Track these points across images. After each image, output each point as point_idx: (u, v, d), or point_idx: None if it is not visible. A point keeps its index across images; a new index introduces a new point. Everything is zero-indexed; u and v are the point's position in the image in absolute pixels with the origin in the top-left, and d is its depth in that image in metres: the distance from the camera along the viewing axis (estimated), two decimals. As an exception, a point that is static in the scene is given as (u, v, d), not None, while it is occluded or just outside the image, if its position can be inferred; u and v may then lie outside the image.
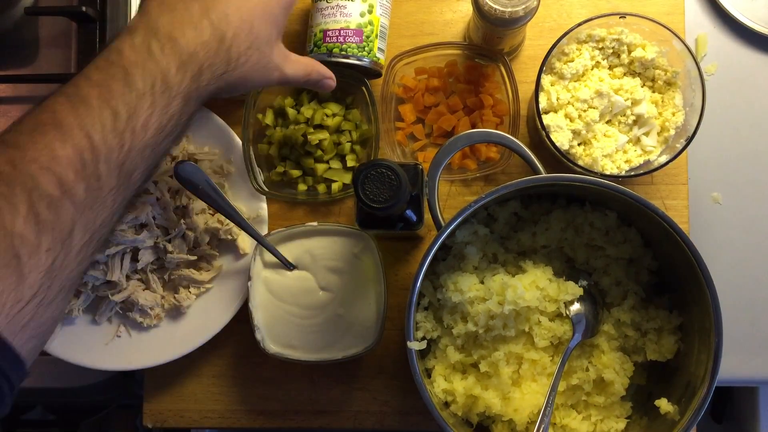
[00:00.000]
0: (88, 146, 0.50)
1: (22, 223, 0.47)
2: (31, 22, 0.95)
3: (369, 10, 0.78)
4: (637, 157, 0.78)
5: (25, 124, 0.51)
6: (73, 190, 0.49)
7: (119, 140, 0.51)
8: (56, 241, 0.48)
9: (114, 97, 0.52)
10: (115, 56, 0.54)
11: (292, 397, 0.86)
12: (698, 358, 0.69)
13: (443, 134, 0.84)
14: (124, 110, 0.52)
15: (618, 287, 0.77)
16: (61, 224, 0.49)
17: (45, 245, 0.48)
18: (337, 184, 0.84)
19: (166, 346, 0.82)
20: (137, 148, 0.53)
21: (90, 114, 0.51)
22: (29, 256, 0.47)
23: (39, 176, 0.48)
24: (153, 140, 0.54)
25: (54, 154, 0.49)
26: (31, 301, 0.47)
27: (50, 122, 0.50)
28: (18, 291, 0.46)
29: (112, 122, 0.51)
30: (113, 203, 0.52)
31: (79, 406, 1.23)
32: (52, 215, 0.48)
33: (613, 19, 0.76)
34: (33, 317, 0.48)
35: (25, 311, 0.47)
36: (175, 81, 0.55)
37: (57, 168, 0.49)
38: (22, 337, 0.47)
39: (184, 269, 0.82)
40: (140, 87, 0.53)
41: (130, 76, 0.53)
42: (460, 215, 0.68)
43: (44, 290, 0.48)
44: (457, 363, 0.75)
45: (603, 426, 0.74)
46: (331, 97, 0.84)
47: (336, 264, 0.80)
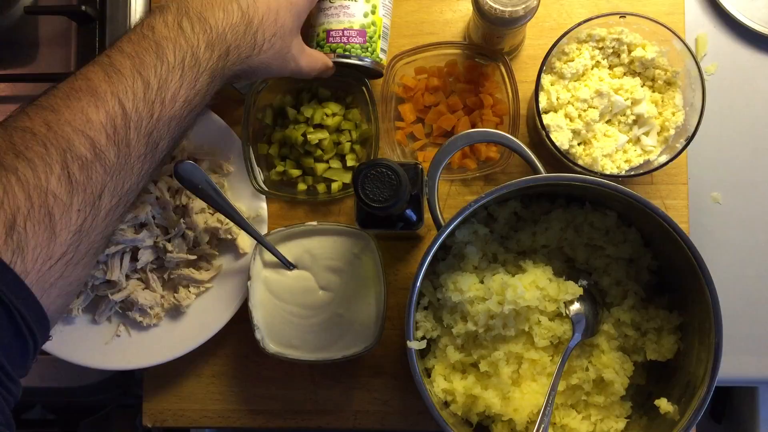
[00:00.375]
0: (121, 113, 0.52)
1: (56, 183, 0.48)
2: (31, 21, 0.95)
3: (372, 11, 0.78)
4: (637, 156, 0.78)
5: (60, 89, 0.53)
6: (104, 153, 0.51)
7: (149, 109, 0.54)
8: (87, 202, 0.50)
9: (146, 68, 0.54)
10: (148, 31, 0.56)
11: (292, 397, 0.85)
12: (698, 358, 0.69)
13: (443, 134, 0.84)
14: (155, 81, 0.54)
15: (618, 287, 0.77)
16: (92, 186, 0.50)
17: (76, 205, 0.49)
18: (337, 183, 0.84)
19: (165, 345, 0.82)
20: (165, 118, 0.55)
21: (123, 83, 0.53)
22: (61, 215, 0.48)
23: (73, 138, 0.50)
24: (180, 112, 0.56)
25: (88, 118, 0.51)
26: (60, 260, 0.49)
27: (85, 89, 0.52)
28: (49, 248, 0.48)
29: (144, 92, 0.53)
30: (140, 170, 0.55)
31: (79, 406, 1.23)
32: (84, 177, 0.50)
33: (613, 19, 0.76)
34: (61, 276, 0.49)
35: (54, 269, 0.48)
36: (204, 57, 0.57)
37: (90, 131, 0.51)
38: (50, 295, 0.49)
39: (183, 269, 0.82)
40: (171, 60, 0.55)
41: (161, 49, 0.55)
42: (460, 215, 0.68)
43: (73, 250, 0.50)
44: (456, 363, 0.75)
45: (603, 426, 0.74)
46: (331, 97, 0.84)
47: (336, 264, 0.79)
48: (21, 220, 0.46)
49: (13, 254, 0.46)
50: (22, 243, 0.46)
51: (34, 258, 0.47)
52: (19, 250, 0.46)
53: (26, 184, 0.47)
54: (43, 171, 0.48)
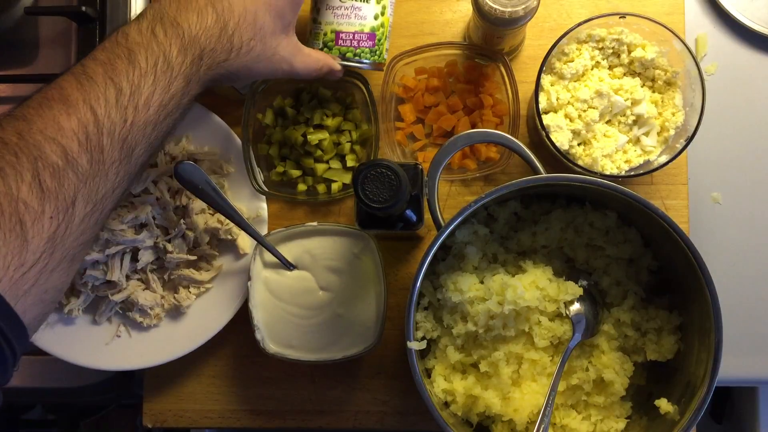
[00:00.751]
0: (93, 120, 0.52)
1: (27, 190, 0.49)
2: (31, 22, 0.95)
3: (382, 12, 0.77)
4: (637, 157, 0.78)
5: (34, 99, 0.53)
6: (76, 160, 0.51)
7: (122, 115, 0.54)
8: (59, 209, 0.50)
9: (118, 74, 0.54)
10: (122, 38, 0.57)
11: (292, 397, 0.86)
12: (698, 358, 0.69)
13: (443, 134, 0.84)
14: (127, 87, 0.54)
15: (618, 287, 0.77)
16: (65, 193, 0.51)
17: (48, 212, 0.49)
18: (337, 184, 0.84)
19: (165, 346, 0.82)
20: (139, 124, 0.55)
21: (94, 90, 0.53)
22: (33, 222, 0.48)
23: (44, 146, 0.50)
24: (155, 117, 0.56)
25: (59, 126, 0.51)
26: (33, 267, 0.49)
27: (57, 97, 0.53)
28: (21, 255, 0.48)
29: (116, 98, 0.54)
30: (115, 176, 0.55)
31: (79, 406, 1.23)
32: (55, 184, 0.50)
33: (613, 19, 0.76)
34: (35, 283, 0.49)
35: (28, 276, 0.48)
36: (177, 62, 0.57)
37: (62, 139, 0.51)
38: (25, 302, 0.49)
39: (183, 269, 0.82)
40: (143, 66, 0.55)
41: (134, 54, 0.55)
42: (460, 215, 0.68)
43: (47, 257, 0.50)
44: (457, 363, 0.75)
45: (603, 426, 0.74)
46: (331, 97, 0.84)
47: (336, 264, 0.79)
48: None
49: None
50: None
51: (5, 265, 0.47)
52: None
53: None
54: (14, 179, 0.48)
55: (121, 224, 0.78)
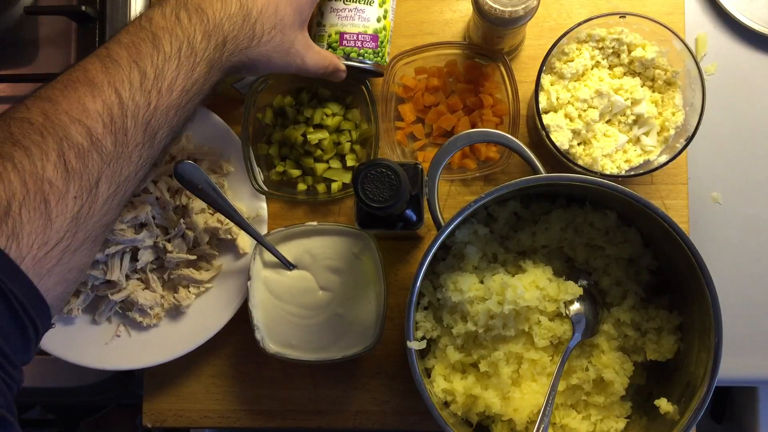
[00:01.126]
0: (117, 102, 0.53)
1: (52, 170, 0.49)
2: (31, 21, 0.95)
3: (384, 15, 0.78)
4: (637, 157, 0.78)
5: (59, 81, 0.54)
6: (101, 141, 0.52)
7: (146, 99, 0.54)
8: (83, 189, 0.51)
9: (142, 58, 0.55)
10: (146, 23, 0.57)
11: (292, 397, 0.86)
12: (698, 358, 0.69)
13: (443, 134, 0.84)
14: (151, 71, 0.55)
15: (618, 287, 0.77)
16: (89, 173, 0.51)
17: (73, 192, 0.50)
18: (337, 183, 0.84)
19: (165, 345, 0.82)
20: (162, 107, 0.56)
21: (119, 73, 0.54)
22: (57, 202, 0.49)
23: (70, 127, 0.51)
24: (177, 101, 0.57)
25: (85, 107, 0.52)
26: (57, 246, 0.49)
27: (82, 79, 0.53)
28: (45, 234, 0.48)
29: (140, 81, 0.54)
30: (138, 159, 0.55)
31: (79, 406, 1.23)
32: (80, 164, 0.50)
33: (613, 19, 0.76)
34: (59, 263, 0.50)
35: (51, 255, 0.49)
36: (201, 47, 0.58)
37: (87, 120, 0.51)
38: (48, 281, 0.49)
39: (183, 269, 0.82)
40: (167, 50, 0.56)
41: (158, 39, 0.56)
42: (460, 215, 0.68)
43: (70, 236, 0.50)
44: (456, 363, 0.75)
45: (603, 426, 0.74)
46: (331, 97, 0.84)
47: (336, 264, 0.79)
48: (16, 206, 0.47)
49: (8, 239, 0.46)
50: (17, 229, 0.47)
51: (30, 244, 0.47)
52: (14, 236, 0.46)
53: (22, 171, 0.48)
54: (39, 158, 0.49)
55: (120, 224, 0.78)
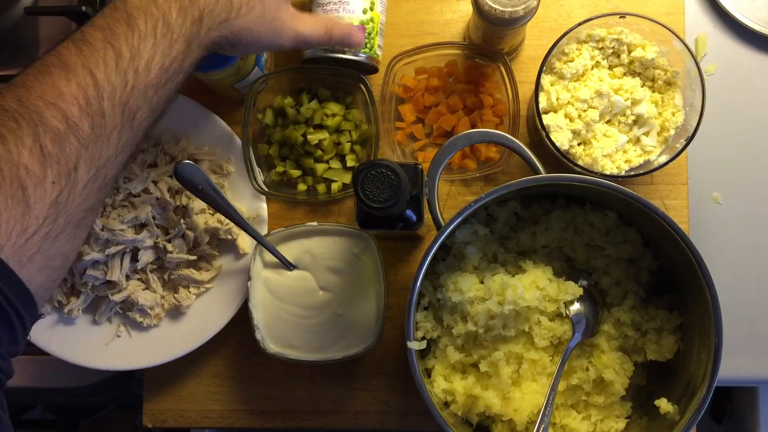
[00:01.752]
0: (92, 84, 0.52)
1: (28, 155, 0.48)
2: (31, 22, 0.95)
3: (371, 7, 0.78)
4: (637, 157, 0.78)
5: (33, 67, 0.53)
6: (77, 125, 0.51)
7: (122, 79, 0.53)
8: (61, 174, 0.50)
9: (117, 38, 0.54)
10: (120, 3, 0.56)
11: (292, 397, 0.86)
12: (698, 358, 0.69)
13: (443, 134, 0.84)
14: (126, 50, 0.54)
15: (618, 287, 0.77)
16: (66, 158, 0.50)
17: (50, 177, 0.49)
18: (337, 184, 0.84)
19: (166, 346, 0.82)
20: (140, 87, 0.55)
21: (94, 54, 0.53)
22: (34, 188, 0.48)
23: (44, 111, 0.50)
24: (156, 81, 0.56)
25: (59, 91, 0.51)
26: (37, 233, 0.48)
27: (56, 63, 0.52)
28: (24, 221, 0.47)
29: (116, 61, 0.53)
30: (117, 141, 0.54)
31: (79, 406, 1.23)
32: (56, 149, 0.50)
33: (613, 19, 0.76)
34: (39, 250, 0.49)
35: (32, 242, 0.48)
36: (176, 24, 0.57)
37: (62, 104, 0.50)
38: (30, 269, 0.48)
39: (183, 269, 0.82)
40: (142, 29, 0.55)
41: (133, 18, 0.55)
42: (460, 215, 0.68)
43: (50, 223, 0.49)
44: (457, 363, 0.75)
45: (603, 426, 0.74)
46: (331, 97, 0.84)
47: (336, 264, 0.79)
48: None
49: None
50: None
51: (8, 232, 0.46)
52: None
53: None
54: (14, 145, 0.48)
55: (121, 224, 0.78)
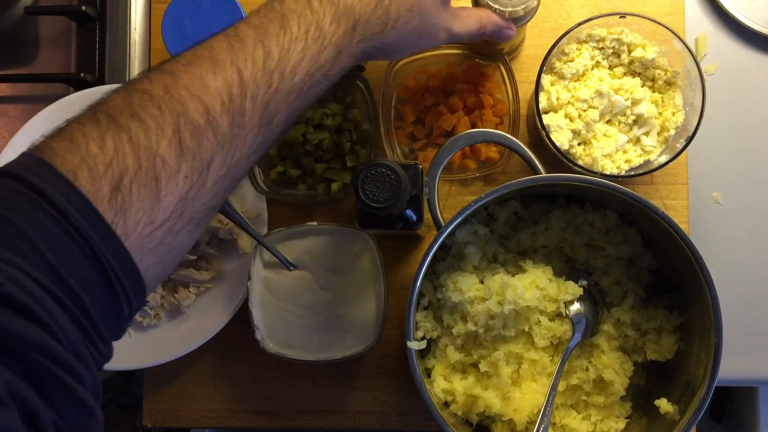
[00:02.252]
0: (238, 81, 0.51)
1: (166, 146, 0.47)
2: (31, 21, 0.95)
3: None
4: (637, 157, 0.78)
5: (184, 56, 0.52)
6: (217, 121, 0.50)
7: (267, 80, 0.52)
8: (195, 169, 0.49)
9: (269, 37, 0.53)
10: (277, 4, 0.55)
11: (292, 397, 0.85)
12: (698, 358, 0.69)
13: (443, 134, 0.84)
14: (276, 51, 0.53)
15: (618, 287, 0.77)
16: (202, 153, 0.49)
17: (184, 171, 0.48)
18: (337, 183, 0.84)
19: (165, 345, 0.82)
20: (283, 91, 0.53)
21: (243, 51, 0.52)
22: (167, 180, 0.47)
23: (188, 103, 0.49)
24: (300, 86, 0.54)
25: (205, 84, 0.50)
26: (161, 226, 0.47)
27: (206, 56, 0.52)
28: (152, 213, 0.47)
29: (263, 61, 0.52)
30: (252, 142, 0.53)
31: (79, 406, 1.23)
32: (194, 143, 0.49)
33: (613, 19, 0.76)
34: (161, 243, 0.48)
35: (155, 235, 0.47)
36: (329, 30, 0.55)
37: (206, 97, 0.50)
38: (148, 261, 0.47)
39: (183, 269, 0.82)
40: (294, 31, 0.54)
41: (286, 20, 0.54)
42: (460, 215, 0.68)
43: (176, 217, 0.48)
44: (456, 363, 0.75)
45: (603, 426, 0.74)
46: (331, 97, 0.84)
47: (336, 264, 0.79)
48: (127, 181, 0.45)
49: (116, 215, 0.44)
50: (125, 205, 0.45)
51: (136, 221, 0.46)
52: (122, 212, 0.45)
53: (137, 145, 0.46)
54: (155, 133, 0.47)
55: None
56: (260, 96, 0.52)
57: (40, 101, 0.92)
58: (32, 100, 0.94)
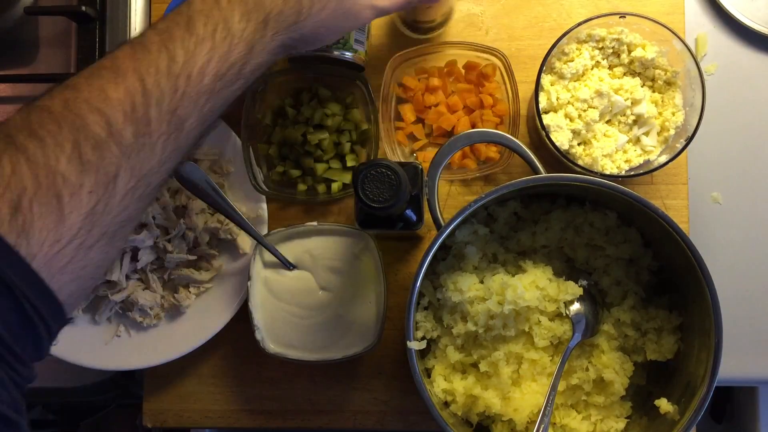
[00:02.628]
0: (140, 89, 0.50)
1: (66, 163, 0.46)
2: (31, 22, 0.95)
3: None
4: (637, 157, 0.78)
5: (87, 69, 0.51)
6: (120, 132, 0.49)
7: (173, 84, 0.51)
8: (99, 183, 0.48)
9: (173, 41, 0.52)
10: (185, 7, 0.54)
11: (292, 397, 0.85)
12: (698, 358, 0.69)
13: (443, 134, 0.84)
14: (181, 54, 0.52)
15: (618, 287, 0.77)
16: (106, 167, 0.48)
17: (87, 186, 0.47)
18: (337, 184, 0.84)
19: (165, 346, 0.82)
20: (192, 94, 0.52)
21: (147, 58, 0.51)
22: (70, 197, 0.46)
23: (87, 116, 0.48)
24: (210, 87, 0.53)
25: (106, 95, 0.49)
26: (70, 243, 0.47)
27: (108, 66, 0.51)
28: (57, 231, 0.46)
29: (167, 66, 0.51)
30: (162, 150, 0.52)
31: (79, 406, 1.23)
32: (96, 157, 0.48)
33: (613, 19, 0.76)
34: (72, 260, 0.47)
35: (64, 253, 0.47)
36: (238, 28, 0.54)
37: (106, 109, 0.48)
38: (61, 279, 0.47)
39: (183, 269, 0.82)
40: (200, 32, 0.53)
41: (192, 22, 0.53)
42: (460, 215, 0.68)
43: (84, 233, 0.48)
44: (456, 363, 0.75)
45: (603, 426, 0.74)
46: (331, 97, 0.84)
47: (336, 264, 0.79)
48: (27, 202, 0.45)
49: (18, 236, 0.44)
50: (27, 225, 0.44)
51: (41, 241, 0.45)
52: (25, 233, 0.44)
53: (35, 163, 0.46)
54: (53, 150, 0.46)
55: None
56: (166, 102, 0.51)
57: (40, 101, 0.92)
58: (32, 100, 0.94)
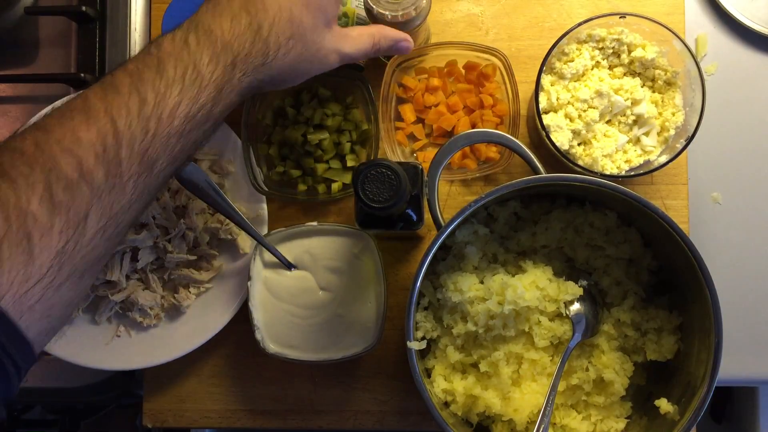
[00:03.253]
0: (112, 131, 0.51)
1: (37, 204, 0.47)
2: (31, 22, 0.95)
3: (343, 2, 0.77)
4: (637, 157, 0.78)
5: (58, 109, 0.52)
6: (91, 173, 0.50)
7: (144, 126, 0.52)
8: (70, 223, 0.49)
9: (144, 83, 0.53)
10: (154, 48, 0.55)
11: (292, 397, 0.86)
12: (698, 358, 0.69)
13: (443, 134, 0.84)
14: (152, 97, 0.52)
15: (618, 287, 0.77)
16: (76, 207, 0.49)
17: (58, 227, 0.48)
18: (337, 184, 0.84)
19: (165, 346, 0.82)
20: (162, 135, 0.53)
21: (118, 100, 0.52)
22: (40, 237, 0.47)
23: (59, 158, 0.49)
24: (180, 128, 0.54)
25: (77, 137, 0.50)
26: (39, 282, 0.47)
27: (80, 107, 0.51)
28: (26, 271, 0.47)
29: (138, 108, 0.52)
30: (133, 190, 0.53)
31: (79, 406, 1.23)
32: (67, 197, 0.48)
33: (613, 19, 0.76)
34: (41, 299, 0.48)
35: (33, 292, 0.47)
36: (207, 71, 0.55)
37: (78, 151, 0.49)
38: (30, 318, 0.47)
39: (183, 269, 0.82)
40: (171, 75, 0.54)
41: (162, 64, 0.54)
42: (460, 215, 0.68)
43: (54, 272, 0.48)
44: (457, 363, 0.75)
45: (603, 426, 0.74)
46: (331, 97, 0.84)
47: (336, 264, 0.79)
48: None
49: None
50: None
51: (10, 281, 0.46)
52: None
53: (6, 204, 0.46)
54: (24, 191, 0.47)
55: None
56: (137, 143, 0.52)
57: (40, 101, 0.92)
58: (32, 100, 0.94)
